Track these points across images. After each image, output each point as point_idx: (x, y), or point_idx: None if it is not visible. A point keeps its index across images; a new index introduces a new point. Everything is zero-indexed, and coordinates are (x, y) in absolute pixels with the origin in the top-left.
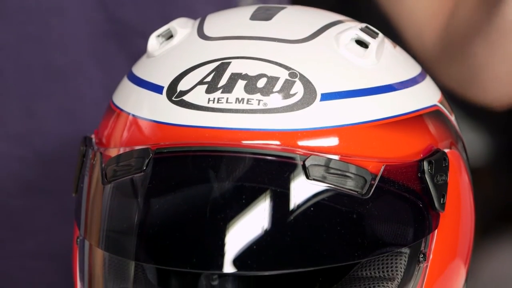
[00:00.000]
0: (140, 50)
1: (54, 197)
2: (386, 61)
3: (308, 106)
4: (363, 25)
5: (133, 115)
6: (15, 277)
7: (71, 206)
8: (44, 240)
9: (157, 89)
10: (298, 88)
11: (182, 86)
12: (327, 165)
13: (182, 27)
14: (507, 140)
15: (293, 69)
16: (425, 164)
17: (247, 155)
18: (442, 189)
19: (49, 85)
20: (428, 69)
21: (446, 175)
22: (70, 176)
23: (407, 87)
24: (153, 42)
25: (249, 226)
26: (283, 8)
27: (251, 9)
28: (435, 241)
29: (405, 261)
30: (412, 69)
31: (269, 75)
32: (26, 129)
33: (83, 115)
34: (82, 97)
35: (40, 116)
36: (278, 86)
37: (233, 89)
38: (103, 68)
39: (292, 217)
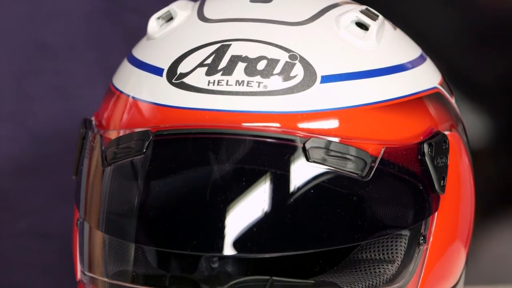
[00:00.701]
0: (133, 27)
1: (48, 177)
2: (387, 43)
3: (308, 88)
4: (363, 7)
5: (133, 97)
6: (9, 257)
7: (66, 186)
8: (38, 221)
9: (157, 71)
10: (298, 71)
11: (182, 68)
12: (327, 147)
13: (182, 9)
14: (507, 122)
15: (293, 51)
16: (425, 146)
17: (247, 138)
18: (442, 172)
19: (40, 64)
20: None
21: (446, 158)
22: (64, 156)
23: (407, 69)
24: (153, 24)
25: (249, 208)
26: None
27: None
28: (435, 223)
29: (405, 243)
30: (412, 51)
31: (269, 57)
32: (18, 109)
33: (76, 93)
34: (74, 75)
35: (32, 96)
36: (278, 69)
37: (233, 71)
38: (95, 46)
39: (292, 200)
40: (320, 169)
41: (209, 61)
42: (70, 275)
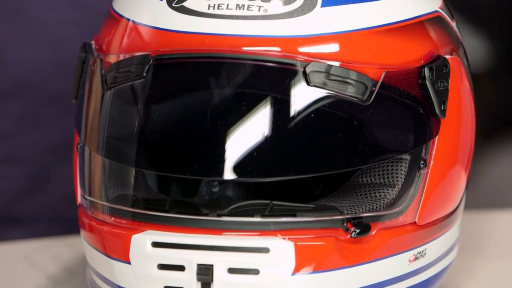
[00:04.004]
0: None
1: (17, 101)
2: None
3: (309, 12)
4: None
5: (133, 22)
6: None
7: (38, 110)
8: (12, 146)
9: None
10: None
11: None
12: (327, 71)
13: None
14: (507, 45)
15: None
16: (426, 70)
17: (248, 62)
18: (443, 96)
19: None
20: None
21: (447, 81)
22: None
23: None
24: None
25: (249, 132)
26: None
27: None
28: (436, 147)
29: (405, 167)
30: None
31: None
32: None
33: None
34: None
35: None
36: None
37: None
38: None
39: (292, 124)
40: (321, 93)
41: None
42: (44, 200)
